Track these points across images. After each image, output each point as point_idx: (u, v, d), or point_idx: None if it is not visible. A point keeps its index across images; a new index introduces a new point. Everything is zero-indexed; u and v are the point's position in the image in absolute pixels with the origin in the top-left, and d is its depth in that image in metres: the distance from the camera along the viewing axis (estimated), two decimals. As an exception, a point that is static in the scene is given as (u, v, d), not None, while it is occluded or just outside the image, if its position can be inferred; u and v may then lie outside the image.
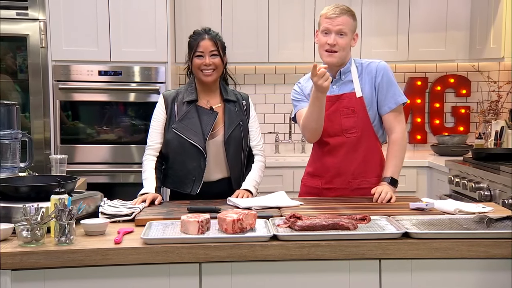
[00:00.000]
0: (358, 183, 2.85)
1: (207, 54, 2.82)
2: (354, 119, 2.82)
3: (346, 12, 2.77)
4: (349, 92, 2.83)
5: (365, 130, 2.84)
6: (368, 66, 2.86)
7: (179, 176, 2.89)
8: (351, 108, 2.82)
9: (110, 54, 4.22)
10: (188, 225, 2.09)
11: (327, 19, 2.77)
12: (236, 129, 2.89)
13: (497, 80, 4.78)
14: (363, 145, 2.84)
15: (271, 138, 4.92)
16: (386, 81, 2.83)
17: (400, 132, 2.84)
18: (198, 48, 2.83)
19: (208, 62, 2.82)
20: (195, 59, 2.84)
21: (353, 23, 2.79)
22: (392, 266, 2.06)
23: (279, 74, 4.94)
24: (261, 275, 2.05)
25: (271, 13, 4.59)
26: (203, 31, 2.88)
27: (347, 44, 2.78)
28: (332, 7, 2.79)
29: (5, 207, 2.19)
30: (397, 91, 2.85)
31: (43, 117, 4.42)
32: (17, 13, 4.33)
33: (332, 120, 2.82)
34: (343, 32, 2.75)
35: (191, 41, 2.89)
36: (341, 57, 2.79)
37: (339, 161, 2.83)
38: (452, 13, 4.63)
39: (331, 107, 2.81)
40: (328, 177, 2.88)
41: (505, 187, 3.34)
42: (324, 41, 2.78)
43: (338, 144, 2.82)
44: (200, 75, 2.85)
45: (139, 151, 4.23)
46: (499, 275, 2.07)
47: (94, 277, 2.01)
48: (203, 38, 2.84)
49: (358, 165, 2.85)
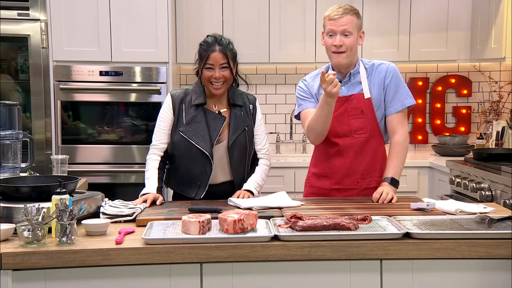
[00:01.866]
0: (367, 182, 2.86)
1: (217, 67, 2.75)
2: (363, 119, 2.83)
3: (349, 12, 2.77)
4: (358, 93, 2.83)
5: (373, 131, 2.85)
6: (378, 67, 2.86)
7: (184, 180, 2.88)
8: (359, 109, 2.82)
9: (111, 55, 4.23)
10: (189, 225, 2.09)
11: (331, 21, 2.77)
12: (241, 134, 2.86)
13: (498, 80, 4.78)
14: (370, 145, 2.85)
15: (272, 138, 4.92)
16: (395, 83, 2.84)
17: (403, 134, 2.85)
18: (209, 60, 2.75)
19: (218, 76, 2.75)
20: (205, 71, 2.77)
21: (357, 22, 2.79)
22: (393, 266, 2.06)
23: (280, 74, 4.94)
24: (262, 275, 2.05)
25: (272, 13, 4.59)
26: (213, 41, 2.77)
27: (353, 43, 2.78)
28: (335, 8, 2.78)
29: (6, 207, 2.20)
30: (404, 93, 2.86)
31: (44, 117, 4.42)
32: (19, 13, 4.34)
33: (341, 121, 2.83)
34: (348, 32, 2.75)
35: (201, 52, 2.79)
36: (349, 56, 2.79)
37: (348, 162, 2.83)
38: (453, 13, 4.63)
39: (339, 108, 2.82)
40: (337, 178, 2.88)
41: (506, 187, 3.34)
42: (330, 43, 2.78)
43: (347, 145, 2.82)
44: (210, 87, 2.80)
45: (140, 152, 4.24)
46: (500, 276, 2.07)
47: (95, 277, 2.01)
48: (214, 50, 2.74)
49: (367, 165, 2.86)
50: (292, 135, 4.97)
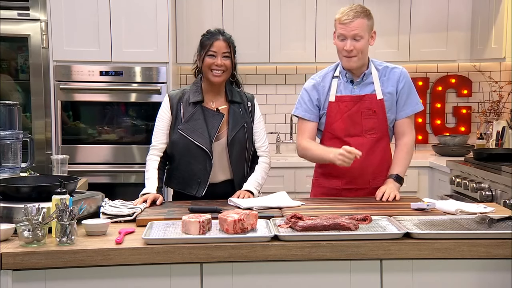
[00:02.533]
0: (377, 182, 2.88)
1: (219, 54, 2.81)
2: (375, 120, 2.85)
3: (360, 14, 2.76)
4: (370, 93, 2.84)
5: (383, 131, 2.88)
6: (392, 70, 2.88)
7: (184, 178, 2.88)
8: (372, 110, 2.84)
9: (111, 55, 4.23)
10: (189, 225, 2.09)
11: (342, 25, 2.76)
12: (240, 131, 2.88)
13: (498, 80, 4.78)
14: (380, 145, 2.88)
15: (272, 138, 4.91)
16: (408, 88, 2.89)
17: (411, 137, 2.92)
18: (212, 47, 2.80)
19: (220, 63, 2.80)
20: (207, 58, 2.81)
21: (368, 24, 2.79)
22: (394, 266, 2.06)
23: (280, 74, 4.94)
24: (262, 275, 2.05)
25: (272, 13, 4.59)
26: (217, 32, 2.86)
27: (364, 46, 2.79)
28: (346, 11, 2.77)
29: (6, 207, 2.20)
30: (416, 99, 2.91)
31: (45, 117, 4.42)
32: (19, 13, 4.34)
33: (354, 120, 2.85)
34: (359, 36, 2.75)
35: (204, 40, 2.86)
36: (360, 59, 2.80)
37: (360, 161, 2.82)
38: (453, 13, 4.63)
39: (353, 107, 2.84)
40: (349, 177, 2.88)
41: (507, 187, 3.34)
42: (341, 47, 2.79)
43: (358, 144, 2.82)
44: (210, 75, 2.83)
45: (140, 152, 4.24)
46: (500, 276, 2.07)
47: (95, 277, 2.01)
48: (217, 39, 2.82)
49: (378, 165, 2.88)
50: (292, 135, 4.96)
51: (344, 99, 2.86)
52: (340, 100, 2.86)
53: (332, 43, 2.92)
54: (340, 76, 2.89)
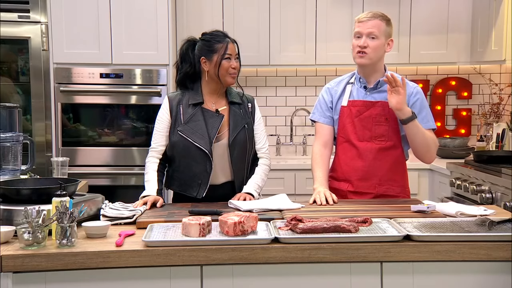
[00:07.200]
0: (384, 189, 2.86)
1: (233, 57, 2.84)
2: (386, 127, 2.84)
3: (378, 17, 2.80)
4: (384, 100, 2.83)
5: (394, 140, 2.86)
6: (407, 85, 2.83)
7: (184, 179, 2.88)
8: (384, 116, 2.84)
9: (111, 57, 4.23)
10: (189, 227, 2.09)
11: (359, 23, 2.81)
12: (241, 132, 2.88)
13: (498, 82, 4.78)
14: (390, 154, 2.86)
15: (273, 140, 4.91)
16: (420, 103, 2.85)
17: None
18: (227, 50, 2.82)
19: (236, 65, 2.84)
20: (224, 61, 2.81)
21: (385, 28, 2.81)
22: (394, 268, 2.06)
23: (280, 76, 4.94)
24: (262, 277, 2.05)
25: (272, 15, 4.60)
26: (224, 34, 2.88)
27: (378, 46, 2.78)
28: (366, 12, 2.84)
29: (6, 209, 2.20)
30: (427, 117, 2.86)
31: (45, 119, 4.42)
32: (19, 15, 4.34)
33: (364, 125, 2.85)
34: (374, 35, 2.77)
35: (215, 43, 2.83)
36: (371, 58, 2.79)
37: (367, 165, 2.83)
38: (453, 15, 4.63)
39: (365, 112, 2.84)
40: (355, 181, 2.88)
41: (507, 189, 3.34)
42: (356, 44, 2.81)
43: (367, 149, 2.84)
44: (228, 78, 2.84)
45: (140, 154, 4.24)
46: (500, 278, 2.07)
47: (95, 279, 2.01)
48: (229, 42, 2.84)
49: (386, 172, 2.86)
50: (293, 137, 4.97)
51: (356, 103, 2.87)
52: (352, 104, 2.87)
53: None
54: (354, 82, 2.91)
